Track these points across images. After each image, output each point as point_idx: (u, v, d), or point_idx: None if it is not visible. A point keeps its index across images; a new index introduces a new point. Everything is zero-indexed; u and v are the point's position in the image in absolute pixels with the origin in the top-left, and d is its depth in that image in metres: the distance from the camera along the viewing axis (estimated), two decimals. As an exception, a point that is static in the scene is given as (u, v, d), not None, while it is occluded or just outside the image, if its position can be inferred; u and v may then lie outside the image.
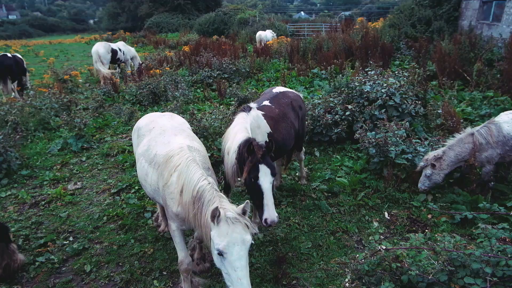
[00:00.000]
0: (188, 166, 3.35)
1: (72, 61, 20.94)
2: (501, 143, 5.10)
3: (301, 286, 4.12)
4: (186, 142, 3.81)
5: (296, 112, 5.30)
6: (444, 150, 5.16)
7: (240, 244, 2.67)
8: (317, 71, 12.10)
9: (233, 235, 2.65)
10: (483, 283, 2.12)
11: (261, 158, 3.62)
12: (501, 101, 8.13)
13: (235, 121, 4.45)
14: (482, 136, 5.10)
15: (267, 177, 3.62)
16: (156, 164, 3.71)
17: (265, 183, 3.61)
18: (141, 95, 10.44)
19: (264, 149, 3.67)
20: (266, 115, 4.71)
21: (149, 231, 5.16)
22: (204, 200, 3.03)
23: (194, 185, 3.15)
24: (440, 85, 9.57)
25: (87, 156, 7.51)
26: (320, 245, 4.78)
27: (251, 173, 3.63)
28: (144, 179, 3.93)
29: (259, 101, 5.17)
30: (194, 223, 3.14)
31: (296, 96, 5.57)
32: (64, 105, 9.71)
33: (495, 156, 5.13)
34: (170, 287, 4.23)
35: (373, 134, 6.07)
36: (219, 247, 2.64)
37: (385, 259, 2.65)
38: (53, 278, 4.41)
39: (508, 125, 5.19)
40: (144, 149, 4.04)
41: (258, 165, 3.62)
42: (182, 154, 3.51)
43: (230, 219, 2.69)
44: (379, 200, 5.55)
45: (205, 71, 12.60)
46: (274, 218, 3.55)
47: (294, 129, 5.14)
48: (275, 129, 4.68)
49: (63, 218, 5.50)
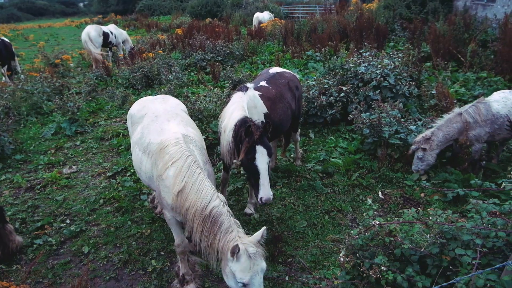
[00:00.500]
0: (191, 171, 3.20)
1: (62, 45, 20.58)
2: (490, 121, 5.15)
3: (297, 263, 4.21)
4: (181, 129, 3.71)
5: (293, 92, 5.30)
6: (433, 131, 5.22)
7: (261, 273, 2.80)
8: (312, 53, 12.02)
9: (255, 268, 2.75)
10: (474, 254, 2.18)
11: (258, 139, 3.63)
12: (494, 82, 8.17)
13: (231, 100, 4.43)
14: (470, 115, 5.15)
15: (263, 158, 3.65)
16: (150, 152, 3.64)
17: (261, 164, 3.65)
18: (134, 79, 10.34)
19: (261, 130, 3.68)
20: (263, 96, 4.70)
21: (146, 213, 5.20)
22: (220, 225, 2.95)
23: (206, 203, 3.03)
24: (434, 66, 9.58)
25: (81, 140, 7.48)
26: (315, 224, 4.86)
27: (248, 154, 3.64)
28: (139, 167, 3.87)
29: (256, 81, 5.15)
30: (199, 236, 3.06)
31: (292, 76, 5.56)
32: (56, 89, 9.60)
33: (484, 135, 5.19)
34: (168, 266, 4.29)
35: (367, 115, 6.10)
36: (244, 281, 2.73)
37: (379, 234, 2.71)
38: (51, 259, 4.46)
39: (498, 104, 5.24)
40: (138, 137, 3.96)
41: (255, 146, 3.63)
42: (179, 148, 3.38)
43: (252, 255, 2.75)
44: (373, 179, 5.62)
45: (199, 54, 12.47)
46: (269, 196, 3.63)
47: (290, 109, 5.15)
48: (272, 110, 4.68)
49: (59, 201, 5.51)
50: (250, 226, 4.84)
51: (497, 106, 5.21)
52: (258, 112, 4.53)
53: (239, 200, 5.43)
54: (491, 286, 2.00)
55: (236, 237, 2.87)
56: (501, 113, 5.17)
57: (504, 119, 5.17)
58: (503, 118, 5.17)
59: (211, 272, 4.16)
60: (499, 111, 5.17)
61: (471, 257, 2.17)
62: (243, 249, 2.74)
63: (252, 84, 4.90)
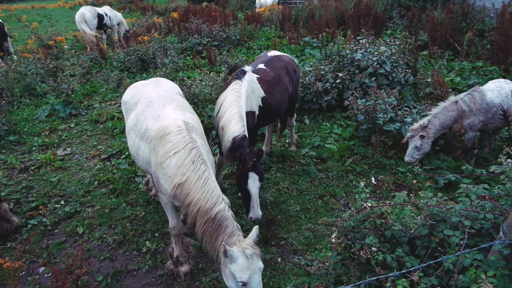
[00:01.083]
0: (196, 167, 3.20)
1: (56, 26, 20.21)
2: (483, 110, 5.18)
3: (289, 245, 4.27)
4: (180, 116, 3.64)
5: (291, 76, 5.29)
6: (429, 119, 5.20)
7: (258, 272, 2.91)
8: (309, 40, 11.94)
9: (253, 267, 2.87)
10: (462, 235, 2.24)
11: (251, 167, 3.76)
12: (490, 71, 8.19)
13: (229, 88, 4.39)
14: (465, 103, 5.15)
15: (255, 183, 3.80)
16: (148, 138, 3.59)
17: (253, 189, 3.80)
18: (129, 62, 10.23)
19: (254, 159, 3.78)
20: (261, 79, 4.70)
21: (140, 195, 5.22)
22: (224, 229, 3.05)
23: (212, 205, 3.09)
24: (431, 55, 9.57)
25: (75, 123, 7.44)
26: (308, 208, 4.92)
27: (241, 180, 3.80)
28: (136, 153, 3.84)
29: (254, 64, 5.14)
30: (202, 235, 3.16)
31: (290, 60, 5.55)
32: (50, 71, 9.49)
33: (477, 123, 5.23)
34: (162, 247, 4.34)
35: (363, 102, 6.13)
36: (243, 280, 2.84)
37: (370, 216, 2.75)
38: (46, 239, 4.49)
39: (492, 92, 5.26)
40: (133, 123, 3.90)
41: (248, 173, 3.77)
42: (182, 137, 3.34)
43: (249, 255, 2.88)
44: (367, 166, 5.68)
45: (195, 38, 12.34)
46: (258, 216, 3.90)
47: (288, 93, 5.15)
48: (269, 93, 4.69)
49: (54, 182, 5.52)
50: (243, 210, 4.89)
51: (491, 95, 5.24)
52: (256, 96, 4.55)
53: (233, 184, 5.46)
54: (478, 265, 2.05)
55: (236, 241, 3.00)
56: (495, 102, 5.20)
57: (498, 108, 5.21)
58: (496, 107, 5.21)
59: (205, 254, 4.21)
60: (493, 100, 5.20)
61: (459, 238, 2.23)
62: (241, 250, 2.87)
63: (250, 66, 4.88)
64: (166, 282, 3.90)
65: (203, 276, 3.95)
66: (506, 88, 5.35)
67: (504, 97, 5.24)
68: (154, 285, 3.87)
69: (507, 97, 5.26)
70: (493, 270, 2.00)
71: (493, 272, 1.99)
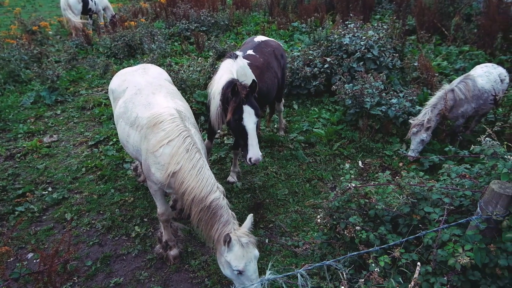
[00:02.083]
0: (190, 155, 3.19)
1: (40, 12, 19.66)
2: (476, 97, 5.20)
3: (277, 227, 4.34)
4: (171, 103, 3.62)
5: (279, 61, 5.27)
6: (431, 111, 5.12)
7: (254, 260, 2.92)
8: (298, 25, 11.86)
9: (248, 255, 2.87)
10: (441, 212, 2.30)
11: (245, 98, 3.60)
12: (476, 55, 8.27)
13: (221, 66, 4.33)
14: (461, 91, 5.13)
15: (251, 118, 3.63)
16: (139, 126, 3.56)
17: (249, 124, 3.63)
18: (116, 48, 10.05)
19: (248, 89, 3.63)
20: (252, 64, 4.61)
21: (129, 181, 5.22)
22: (220, 217, 3.05)
23: (206, 193, 3.08)
24: (419, 39, 9.60)
25: (62, 109, 7.33)
26: (296, 191, 4.98)
27: (235, 114, 3.61)
28: (126, 140, 3.81)
29: (243, 50, 5.05)
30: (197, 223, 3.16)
31: (277, 45, 5.52)
32: (34, 57, 9.28)
33: (470, 111, 5.25)
34: (151, 232, 4.37)
35: (350, 86, 6.16)
36: (239, 269, 2.85)
37: (354, 196, 2.81)
38: (34, 226, 4.48)
39: (482, 78, 5.28)
40: (121, 111, 3.85)
41: (242, 105, 3.60)
42: (176, 126, 3.31)
43: (244, 244, 2.88)
44: (354, 149, 5.74)
45: (183, 23, 12.15)
46: (259, 156, 3.65)
47: (277, 78, 5.13)
48: (260, 79, 4.60)
49: (41, 169, 5.47)
50: (233, 194, 4.93)
51: (482, 81, 5.24)
52: (248, 81, 4.35)
53: (222, 169, 5.49)
54: (456, 240, 2.12)
55: (232, 229, 3.00)
56: (486, 88, 5.22)
57: (489, 94, 5.23)
58: (487, 93, 5.23)
59: (194, 237, 4.26)
60: (484, 86, 5.22)
61: (438, 214, 2.29)
62: (236, 239, 2.88)
63: (240, 52, 4.77)
64: (156, 266, 3.95)
65: (192, 259, 3.99)
66: (494, 72, 5.38)
67: (493, 82, 5.28)
68: (144, 269, 3.91)
69: (495, 81, 5.30)
70: (470, 244, 2.07)
71: (470, 246, 2.06)
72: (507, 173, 2.19)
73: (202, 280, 3.75)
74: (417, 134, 5.10)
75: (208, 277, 3.76)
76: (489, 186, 2.10)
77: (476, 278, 2.12)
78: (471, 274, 2.13)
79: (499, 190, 2.05)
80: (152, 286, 3.70)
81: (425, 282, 2.15)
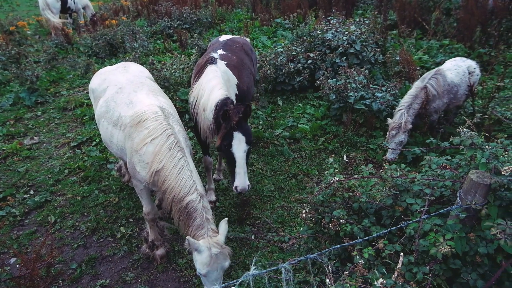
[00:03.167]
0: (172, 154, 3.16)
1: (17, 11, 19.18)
2: (446, 91, 5.24)
3: (263, 223, 4.35)
4: (154, 101, 3.56)
5: (250, 56, 5.10)
6: (406, 112, 5.09)
7: (220, 270, 2.92)
8: (281, 21, 11.86)
9: (214, 265, 2.87)
10: (423, 203, 2.34)
11: (236, 125, 3.36)
12: (456, 49, 8.42)
13: (207, 74, 4.02)
14: (433, 87, 5.14)
15: (241, 145, 3.40)
16: (122, 125, 3.51)
17: (238, 152, 3.40)
18: (97, 47, 9.89)
19: (240, 115, 3.37)
20: (229, 65, 4.38)
21: (113, 182, 5.15)
22: (193, 220, 3.04)
23: (184, 194, 3.07)
24: (400, 34, 9.72)
25: (42, 111, 7.18)
26: (282, 187, 5.00)
27: (225, 141, 3.41)
28: (110, 140, 3.75)
29: (213, 51, 4.63)
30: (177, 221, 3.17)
31: (244, 40, 5.31)
32: (13, 57, 9.05)
33: (442, 106, 5.29)
34: (137, 232, 4.33)
35: (334, 81, 6.20)
36: (201, 273, 2.90)
37: (339, 190, 2.83)
38: (16, 230, 4.38)
39: (451, 72, 5.34)
40: (103, 111, 3.78)
41: (232, 132, 3.38)
42: (159, 124, 3.28)
43: (214, 255, 2.86)
44: (339, 144, 5.79)
45: (165, 21, 12.02)
46: (245, 186, 3.46)
47: (252, 75, 5.00)
48: (239, 78, 4.41)
49: (22, 172, 5.35)
50: (219, 192, 4.92)
51: (451, 74, 5.30)
52: (231, 84, 4.25)
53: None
54: (437, 230, 2.16)
55: (205, 234, 2.99)
56: (455, 82, 5.30)
57: (458, 87, 5.31)
58: (457, 87, 5.31)
59: (180, 236, 4.23)
60: (453, 80, 5.28)
61: (420, 205, 2.33)
62: (207, 246, 2.86)
63: (215, 54, 4.43)
64: (142, 266, 3.91)
65: (179, 258, 3.98)
66: (463, 66, 5.46)
67: (462, 75, 5.36)
68: (130, 269, 3.87)
69: (464, 74, 5.38)
70: (451, 233, 2.12)
71: (451, 235, 2.10)
72: (485, 163, 2.23)
73: (190, 279, 3.73)
74: (395, 136, 5.05)
75: (195, 275, 3.74)
76: (468, 176, 2.15)
77: (457, 266, 2.17)
78: (452, 263, 2.17)
79: (478, 180, 2.09)
80: (139, 286, 3.66)
81: (408, 272, 2.19)
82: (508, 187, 2.21)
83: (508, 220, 2.00)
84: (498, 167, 2.20)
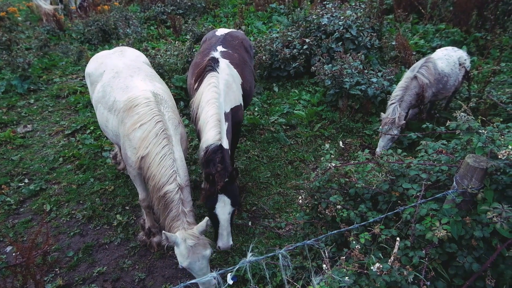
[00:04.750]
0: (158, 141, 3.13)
1: (7, -3, 18.79)
2: (436, 81, 5.08)
3: (260, 209, 4.36)
4: (149, 87, 3.53)
5: (249, 53, 4.92)
6: (399, 105, 4.92)
7: (201, 260, 2.90)
8: (276, 6, 11.70)
9: (194, 256, 2.85)
10: (419, 187, 2.34)
11: (220, 189, 3.16)
12: (452, 33, 8.35)
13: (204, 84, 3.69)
14: (424, 76, 4.96)
15: (225, 208, 3.19)
16: (116, 110, 3.50)
17: (222, 214, 3.20)
18: (90, 33, 9.72)
19: (226, 179, 3.18)
20: (232, 63, 4.09)
21: (109, 170, 5.12)
22: (169, 211, 3.02)
23: (163, 183, 3.03)
24: (396, 18, 9.62)
25: (35, 98, 7.08)
26: (278, 174, 5.00)
27: (208, 202, 3.22)
28: (105, 125, 3.76)
29: (211, 47, 4.34)
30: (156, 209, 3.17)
31: (243, 35, 5.08)
32: (3, 44, 8.89)
33: (430, 95, 5.10)
34: (134, 220, 4.33)
35: (329, 67, 6.15)
36: (183, 266, 2.88)
37: (335, 175, 2.83)
38: (11, 218, 4.37)
39: (442, 61, 5.19)
40: (100, 96, 3.78)
41: (217, 195, 3.17)
42: (149, 109, 3.24)
43: (189, 246, 2.83)
44: (334, 130, 5.78)
45: (158, 6, 11.82)
46: (228, 246, 3.30)
47: (253, 73, 4.72)
48: (243, 77, 4.17)
49: (16, 161, 5.30)
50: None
51: (441, 64, 5.14)
52: (237, 86, 4.01)
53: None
54: (433, 214, 2.17)
55: (181, 226, 2.96)
56: (445, 71, 5.16)
57: (448, 77, 5.20)
58: (447, 77, 5.19)
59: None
60: (444, 69, 5.13)
61: (416, 190, 2.33)
62: (182, 238, 2.84)
63: (216, 53, 4.13)
64: (139, 253, 3.92)
65: (176, 244, 3.97)
66: (454, 56, 5.34)
67: (453, 65, 5.26)
68: (127, 257, 3.88)
69: (455, 65, 5.28)
70: (447, 217, 2.12)
71: (447, 220, 2.11)
72: (482, 147, 2.23)
73: (187, 265, 3.74)
74: (388, 132, 4.87)
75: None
76: (464, 160, 2.14)
77: (453, 250, 2.18)
78: (448, 247, 2.18)
79: (474, 164, 2.09)
80: (136, 273, 3.68)
81: (404, 257, 2.20)
82: (504, 170, 2.21)
83: (504, 204, 2.00)
84: (494, 151, 2.19)
